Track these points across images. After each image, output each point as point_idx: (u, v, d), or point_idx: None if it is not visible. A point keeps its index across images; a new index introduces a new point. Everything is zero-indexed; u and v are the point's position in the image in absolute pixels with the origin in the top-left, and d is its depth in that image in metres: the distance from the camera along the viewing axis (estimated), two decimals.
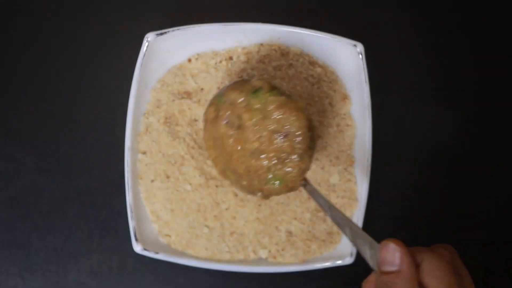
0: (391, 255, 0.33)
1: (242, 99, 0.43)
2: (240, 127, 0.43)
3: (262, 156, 0.43)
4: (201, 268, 0.48)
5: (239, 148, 0.43)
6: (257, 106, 0.43)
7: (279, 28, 0.49)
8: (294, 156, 0.43)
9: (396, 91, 0.54)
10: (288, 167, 0.43)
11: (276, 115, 0.42)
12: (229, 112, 0.44)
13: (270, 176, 0.43)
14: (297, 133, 0.42)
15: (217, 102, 0.45)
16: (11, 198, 0.52)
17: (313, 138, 0.43)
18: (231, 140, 0.44)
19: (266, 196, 0.45)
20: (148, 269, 0.51)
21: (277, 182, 0.43)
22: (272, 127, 0.42)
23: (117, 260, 0.51)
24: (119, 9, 0.55)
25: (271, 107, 0.42)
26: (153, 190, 0.49)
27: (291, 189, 0.44)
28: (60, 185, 0.52)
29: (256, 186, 0.44)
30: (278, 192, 0.44)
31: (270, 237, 0.49)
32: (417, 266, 0.33)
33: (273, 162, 0.43)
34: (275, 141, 0.42)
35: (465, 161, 0.54)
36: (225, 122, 0.44)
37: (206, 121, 0.46)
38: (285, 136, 0.42)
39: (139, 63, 0.48)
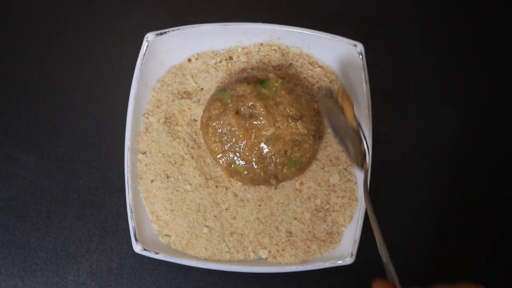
0: None
1: (251, 89, 0.46)
2: (252, 116, 0.46)
3: (279, 140, 0.46)
4: (201, 268, 0.48)
5: (253, 136, 0.46)
6: (268, 94, 0.46)
7: (279, 28, 0.49)
8: (310, 138, 0.46)
9: (396, 91, 0.54)
10: (303, 149, 0.46)
11: (288, 100, 0.46)
12: (239, 103, 0.46)
13: (287, 159, 0.46)
14: (310, 115, 0.46)
15: (222, 97, 0.47)
16: (11, 198, 0.52)
17: (317, 123, 0.47)
18: (243, 130, 0.46)
19: (279, 181, 0.47)
20: (148, 269, 0.51)
21: (292, 165, 0.46)
22: (286, 112, 0.46)
23: (117, 260, 0.51)
24: (119, 9, 0.55)
25: (282, 93, 0.46)
26: (153, 190, 0.49)
27: (303, 171, 0.48)
28: (60, 185, 0.52)
29: (272, 172, 0.46)
30: (292, 176, 0.47)
31: (270, 237, 0.49)
32: None
33: (290, 146, 0.46)
34: (291, 124, 0.46)
35: (466, 161, 0.54)
36: (235, 113, 0.46)
37: (209, 118, 0.47)
38: (300, 118, 0.46)
39: (139, 63, 0.49)
